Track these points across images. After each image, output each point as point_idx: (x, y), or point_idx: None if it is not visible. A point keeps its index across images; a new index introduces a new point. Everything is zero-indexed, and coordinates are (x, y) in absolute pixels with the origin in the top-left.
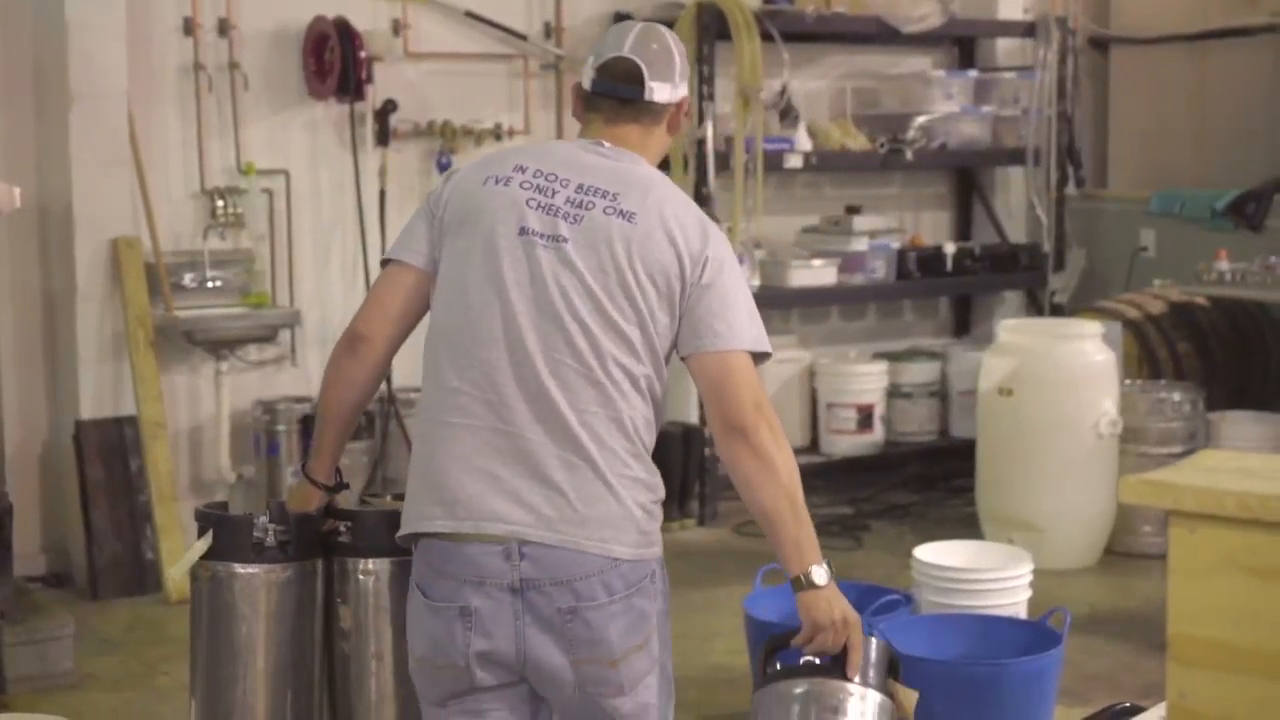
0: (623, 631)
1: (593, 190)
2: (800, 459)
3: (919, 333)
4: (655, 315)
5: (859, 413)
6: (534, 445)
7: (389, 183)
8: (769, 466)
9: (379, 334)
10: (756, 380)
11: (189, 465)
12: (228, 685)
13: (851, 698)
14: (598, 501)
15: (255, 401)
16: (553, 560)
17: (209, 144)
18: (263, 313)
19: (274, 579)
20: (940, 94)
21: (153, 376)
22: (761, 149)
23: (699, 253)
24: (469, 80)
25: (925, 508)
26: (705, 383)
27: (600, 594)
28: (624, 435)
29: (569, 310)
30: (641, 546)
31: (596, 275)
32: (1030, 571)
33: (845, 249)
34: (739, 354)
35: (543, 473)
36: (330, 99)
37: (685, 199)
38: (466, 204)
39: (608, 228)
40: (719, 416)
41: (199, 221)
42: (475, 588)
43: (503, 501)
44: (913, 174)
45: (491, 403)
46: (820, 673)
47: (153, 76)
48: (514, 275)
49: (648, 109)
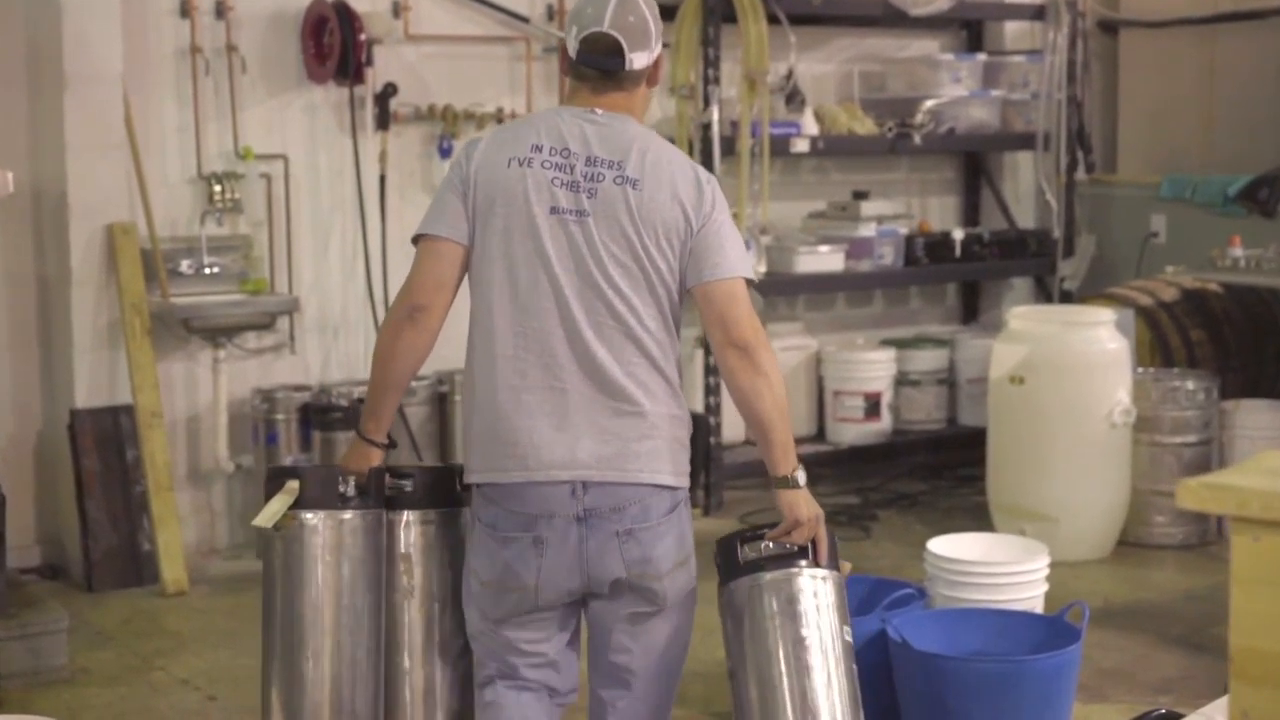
0: (669, 548)
1: (600, 162)
2: (806, 447)
3: (926, 319)
4: (669, 267)
5: (866, 401)
6: (588, 399)
7: (389, 167)
8: (768, 381)
9: (436, 303)
10: (750, 303)
11: (186, 455)
12: (314, 627)
13: (828, 580)
14: (645, 439)
15: (253, 390)
16: (610, 492)
17: (206, 128)
18: (261, 299)
19: (360, 525)
20: (948, 77)
21: (149, 365)
22: (768, 133)
23: (698, 204)
24: (470, 63)
25: (933, 497)
26: (712, 309)
27: (651, 516)
28: (663, 379)
29: (604, 278)
30: (680, 475)
31: (619, 242)
32: (1047, 565)
33: (852, 235)
34: (738, 280)
35: (599, 422)
36: (329, 82)
37: (675, 154)
38: (496, 186)
39: (619, 197)
40: (724, 337)
41: (196, 207)
42: (545, 520)
43: (567, 451)
44: (920, 159)
45: (548, 365)
46: (794, 557)
47: (149, 59)
48: (554, 250)
49: (629, 77)
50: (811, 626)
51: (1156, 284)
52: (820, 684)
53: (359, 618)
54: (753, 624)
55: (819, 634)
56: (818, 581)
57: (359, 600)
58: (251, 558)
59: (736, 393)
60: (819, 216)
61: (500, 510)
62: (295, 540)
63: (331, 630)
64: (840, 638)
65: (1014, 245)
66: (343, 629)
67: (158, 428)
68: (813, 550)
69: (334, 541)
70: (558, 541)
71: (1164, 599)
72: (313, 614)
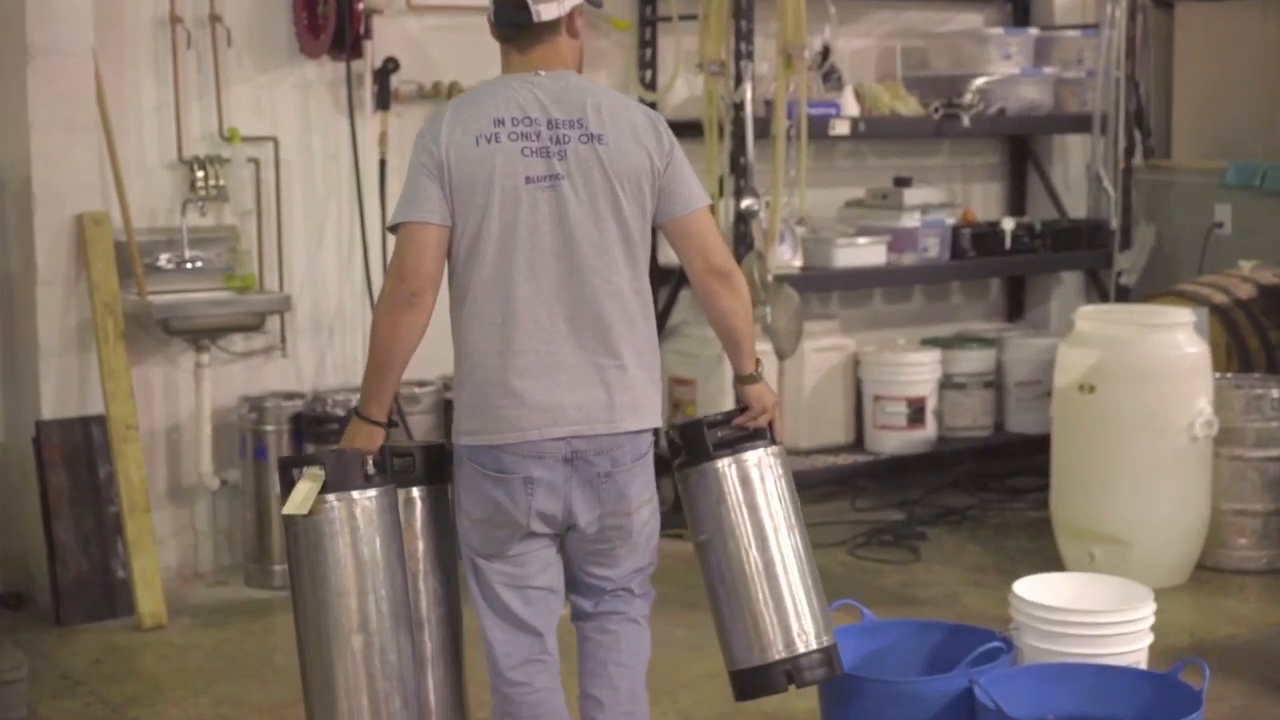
0: (640, 489)
1: (561, 124)
2: (844, 458)
3: (968, 316)
4: (642, 212)
5: (909, 406)
6: (573, 358)
7: (389, 151)
8: (743, 301)
9: (430, 286)
10: (714, 224)
11: (165, 470)
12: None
13: (781, 455)
14: (626, 390)
15: (240, 398)
16: (594, 441)
17: (187, 107)
18: (249, 298)
19: (386, 503)
20: (998, 54)
21: (123, 371)
22: (805, 114)
23: (659, 146)
24: (479, 36)
25: (983, 512)
26: (690, 241)
27: (627, 459)
28: (638, 332)
29: (584, 237)
30: (653, 416)
31: (592, 200)
32: (1153, 613)
33: (895, 225)
34: (704, 211)
35: (585, 379)
36: (324, 57)
37: (624, 100)
38: (468, 165)
39: (588, 156)
40: (705, 265)
41: (176, 195)
42: (535, 461)
43: (555, 409)
44: (962, 142)
45: (532, 330)
46: (757, 437)
47: (123, 29)
48: (532, 219)
49: (544, 27)
50: (777, 499)
51: (1230, 280)
52: (787, 546)
53: (397, 589)
54: (725, 500)
55: (780, 504)
56: (776, 459)
57: (395, 573)
58: (239, 584)
59: (715, 312)
60: (857, 205)
61: (489, 452)
62: (324, 524)
63: (374, 604)
64: (794, 504)
65: (1067, 236)
66: (387, 602)
67: (133, 441)
68: (770, 430)
69: (367, 521)
70: (546, 480)
71: (1255, 635)
72: (358, 590)
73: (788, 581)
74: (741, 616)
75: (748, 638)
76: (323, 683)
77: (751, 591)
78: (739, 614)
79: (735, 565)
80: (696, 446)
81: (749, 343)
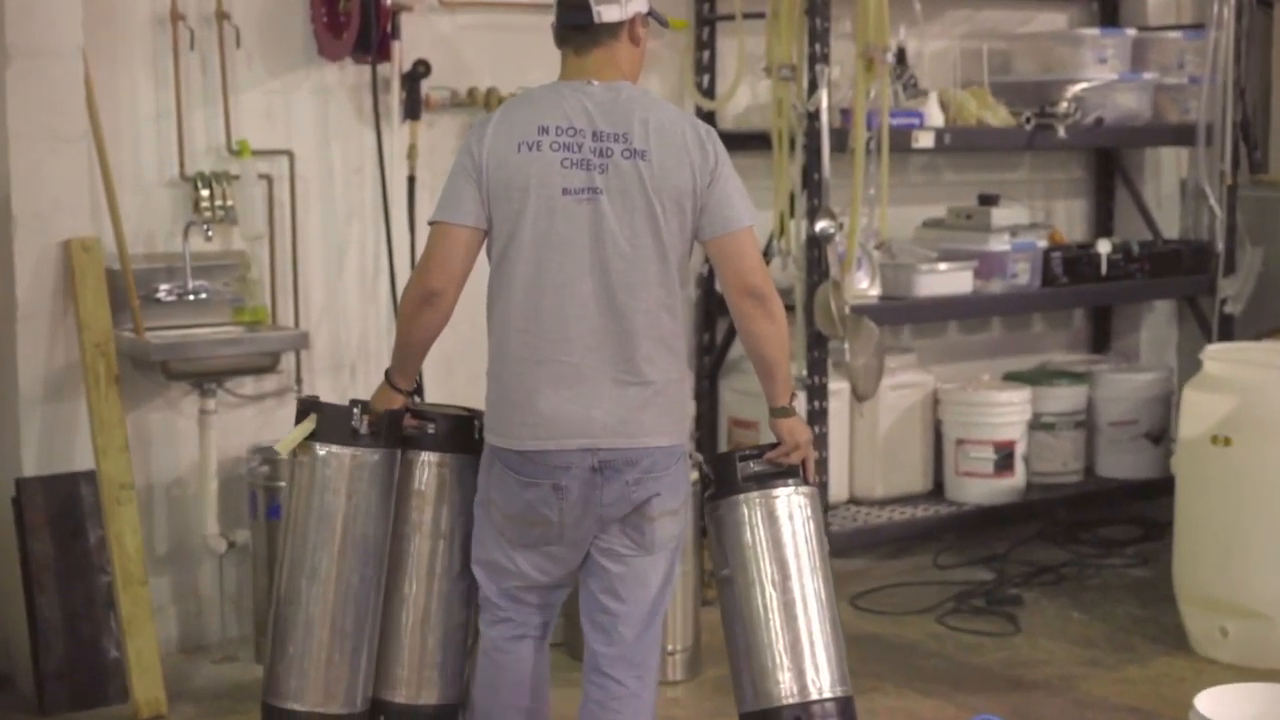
0: (667, 495)
1: (606, 136)
2: (923, 509)
3: (1050, 347)
4: (682, 229)
5: (997, 451)
6: (596, 371)
7: (419, 166)
8: (777, 327)
9: (451, 288)
10: (759, 251)
11: (167, 530)
12: (315, 550)
13: (808, 497)
14: (649, 406)
15: (251, 448)
16: (619, 453)
17: (190, 116)
18: (260, 335)
19: (368, 461)
20: (1092, 57)
21: (117, 421)
22: (887, 124)
23: (703, 163)
24: (518, 37)
25: (1080, 570)
26: (727, 261)
27: (658, 468)
28: (667, 348)
29: (616, 254)
30: (680, 432)
31: (633, 215)
32: None
33: (982, 248)
34: (747, 231)
35: (607, 394)
36: (346, 59)
37: (674, 114)
38: (506, 171)
39: (631, 171)
40: (740, 285)
41: (178, 216)
42: (564, 471)
43: (577, 420)
44: (1043, 155)
45: (558, 341)
46: (787, 475)
47: (116, 27)
48: (566, 231)
49: (604, 30)
50: (802, 540)
51: None
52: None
53: (357, 546)
54: (751, 536)
55: (807, 546)
56: (807, 499)
57: (359, 529)
58: (248, 659)
59: (748, 336)
60: (936, 226)
61: (518, 458)
62: (306, 469)
63: (328, 553)
64: (821, 547)
65: (1165, 260)
66: (342, 555)
67: (128, 503)
68: (802, 468)
69: (339, 473)
70: (577, 487)
71: None
72: (314, 538)
73: (807, 625)
74: (756, 656)
75: (759, 679)
76: (272, 611)
77: (768, 632)
78: (753, 654)
79: (753, 603)
80: (726, 479)
81: (783, 372)
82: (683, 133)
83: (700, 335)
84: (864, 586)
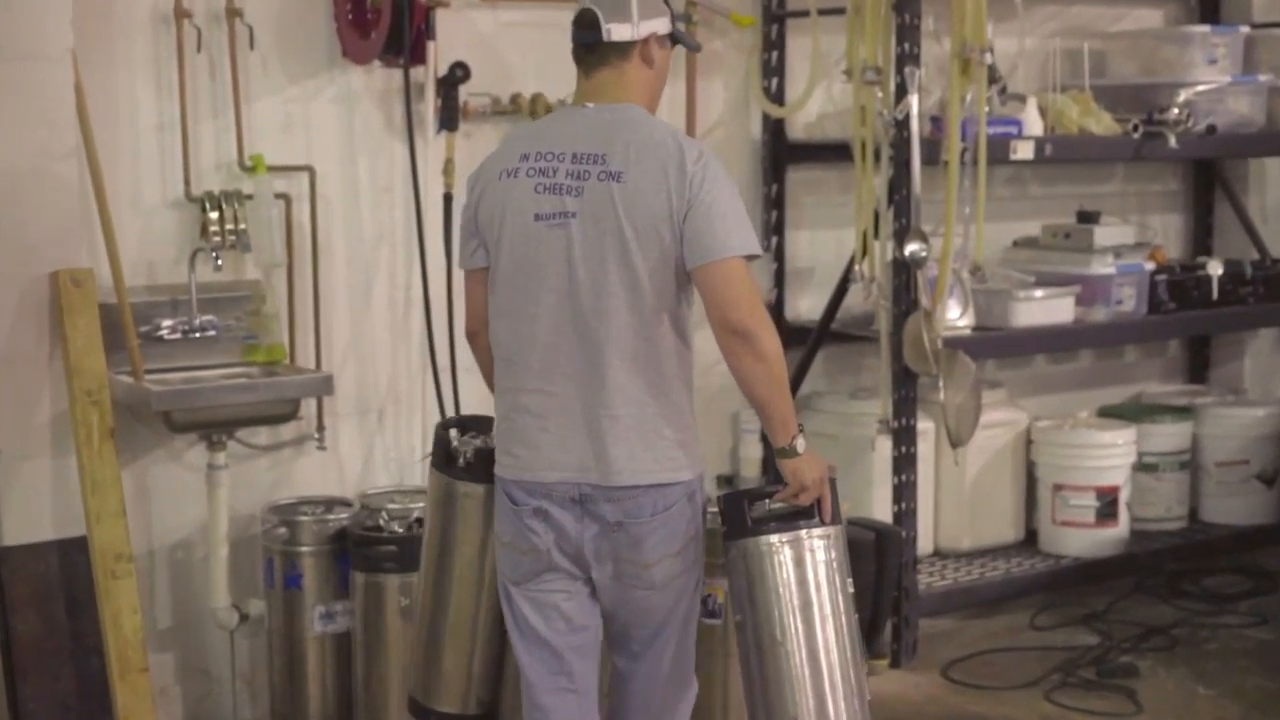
0: (659, 542)
1: (586, 158)
2: (1017, 563)
3: (1143, 376)
4: (662, 256)
5: (1099, 498)
6: (569, 404)
7: (457, 183)
8: (766, 366)
9: (479, 328)
10: (749, 282)
11: (169, 603)
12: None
13: (830, 537)
14: (622, 444)
15: (266, 508)
16: (602, 488)
17: (197, 128)
18: (277, 380)
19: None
20: (1202, 58)
21: (112, 481)
22: (985, 134)
23: (681, 187)
24: (567, 37)
25: (1195, 632)
26: (705, 293)
27: (643, 513)
28: (645, 379)
29: (587, 278)
30: (672, 471)
31: (600, 240)
32: None
33: (1083, 271)
34: (731, 261)
35: (582, 426)
36: (374, 62)
37: (663, 136)
38: (490, 202)
39: (605, 194)
40: (723, 321)
41: (183, 243)
42: (546, 498)
43: (553, 455)
44: (1136, 167)
45: (538, 370)
46: (800, 517)
47: (113, 27)
48: (540, 258)
49: (613, 50)
50: (819, 586)
51: None
52: (830, 638)
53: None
54: (762, 582)
55: (825, 591)
56: (823, 540)
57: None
58: None
59: (736, 374)
60: (1028, 246)
61: (513, 484)
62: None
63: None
64: (843, 591)
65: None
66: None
67: (125, 577)
68: (817, 509)
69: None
70: (559, 515)
71: None
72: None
73: (816, 675)
74: (765, 706)
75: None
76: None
77: (778, 683)
78: (763, 704)
79: (763, 651)
80: (734, 521)
81: (778, 410)
82: (664, 154)
83: None
84: (955, 652)
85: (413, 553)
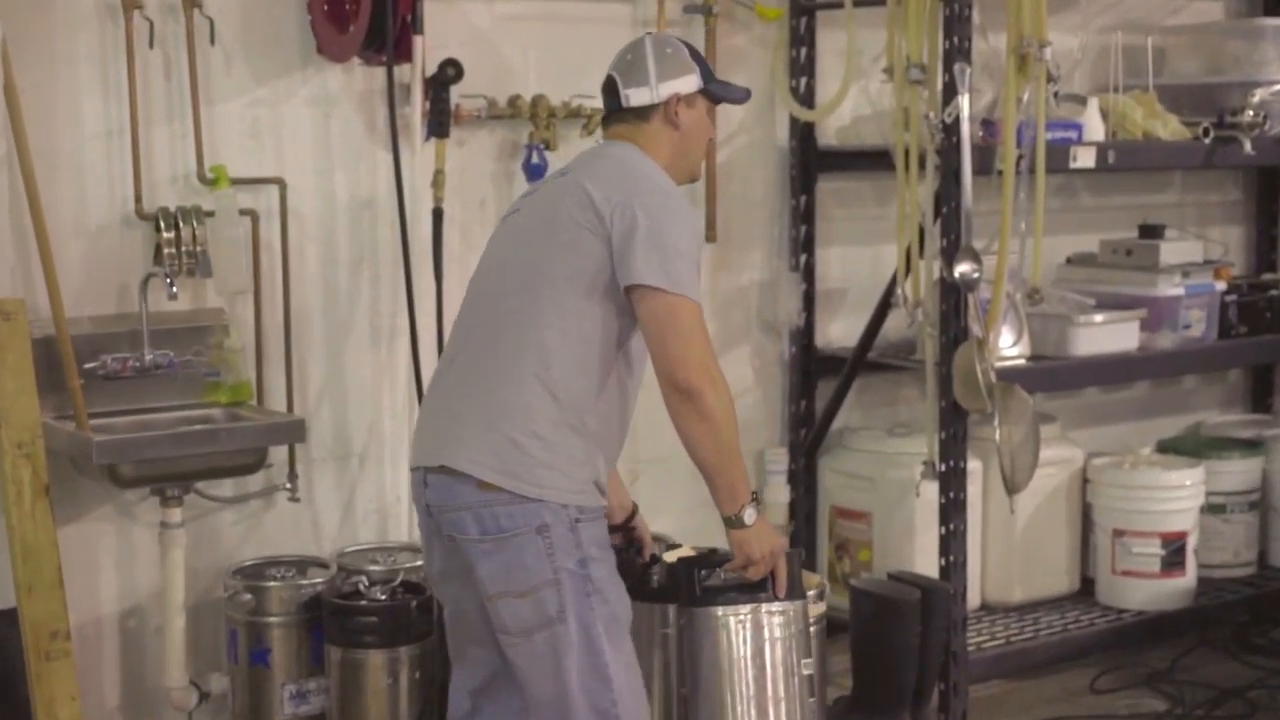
0: (494, 571)
1: (562, 170)
2: (1070, 617)
3: (1200, 405)
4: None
5: (1165, 545)
6: (449, 387)
7: (448, 195)
8: (711, 427)
9: None
10: (697, 331)
11: (119, 681)
12: None
13: (786, 613)
14: (464, 423)
15: (230, 570)
16: (439, 487)
17: (151, 134)
18: (242, 425)
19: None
20: (1275, 54)
21: (47, 546)
22: (1044, 140)
23: (607, 199)
24: (573, 31)
25: (1274, 696)
26: (644, 331)
27: (471, 529)
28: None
29: (508, 259)
30: (509, 478)
31: (529, 225)
32: None
33: (1149, 293)
34: (657, 295)
35: (446, 407)
36: (354, 60)
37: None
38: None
39: (548, 190)
40: (660, 371)
41: (133, 267)
42: (419, 508)
43: (421, 436)
44: (1195, 175)
45: (448, 350)
46: (753, 589)
47: (52, 18)
48: (492, 251)
49: (631, 113)
50: (773, 665)
51: None
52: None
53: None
54: (709, 656)
55: (780, 671)
56: (775, 616)
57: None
58: None
59: (679, 433)
60: (1085, 263)
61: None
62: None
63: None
64: (797, 672)
65: None
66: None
67: (61, 657)
68: (771, 583)
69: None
70: (426, 531)
71: None
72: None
73: None
74: None
75: None
76: None
77: None
78: None
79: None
80: (681, 589)
81: (724, 477)
82: (621, 168)
83: (796, 403)
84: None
85: (396, 624)
